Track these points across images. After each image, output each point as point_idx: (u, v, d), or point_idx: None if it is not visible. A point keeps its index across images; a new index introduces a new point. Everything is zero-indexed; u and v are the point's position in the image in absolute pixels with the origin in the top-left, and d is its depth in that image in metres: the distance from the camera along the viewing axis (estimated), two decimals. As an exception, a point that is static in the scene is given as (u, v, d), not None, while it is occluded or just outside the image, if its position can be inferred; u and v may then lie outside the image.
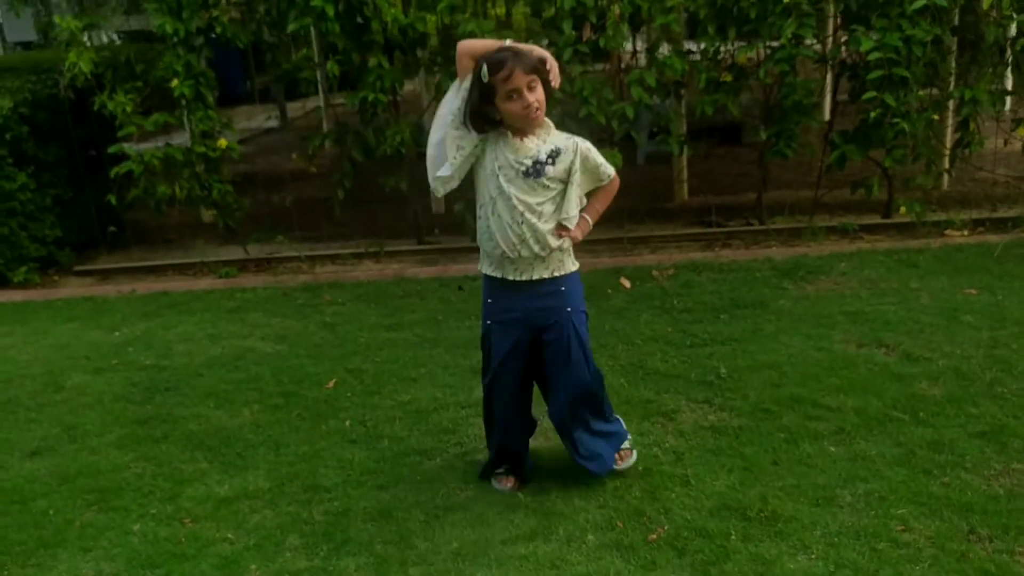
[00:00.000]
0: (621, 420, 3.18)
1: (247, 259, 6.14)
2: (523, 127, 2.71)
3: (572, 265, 2.91)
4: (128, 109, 5.54)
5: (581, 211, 2.86)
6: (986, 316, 4.26)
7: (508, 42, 2.68)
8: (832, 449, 3.19)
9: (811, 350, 4.01)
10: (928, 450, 3.14)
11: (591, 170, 2.84)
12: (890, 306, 4.46)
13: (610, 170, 2.90)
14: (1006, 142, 5.98)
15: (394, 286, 5.39)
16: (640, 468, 3.13)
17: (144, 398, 4.04)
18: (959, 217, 5.75)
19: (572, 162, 2.76)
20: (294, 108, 12.90)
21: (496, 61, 2.61)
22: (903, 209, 5.67)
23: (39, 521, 3.09)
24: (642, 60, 5.93)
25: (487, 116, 2.68)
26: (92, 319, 5.18)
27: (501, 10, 5.94)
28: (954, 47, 5.71)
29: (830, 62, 5.70)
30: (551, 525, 2.85)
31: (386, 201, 6.41)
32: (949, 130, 6.05)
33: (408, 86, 6.83)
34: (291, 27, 5.36)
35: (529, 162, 2.72)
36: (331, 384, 4.03)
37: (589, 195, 2.91)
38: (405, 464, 3.29)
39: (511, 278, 2.82)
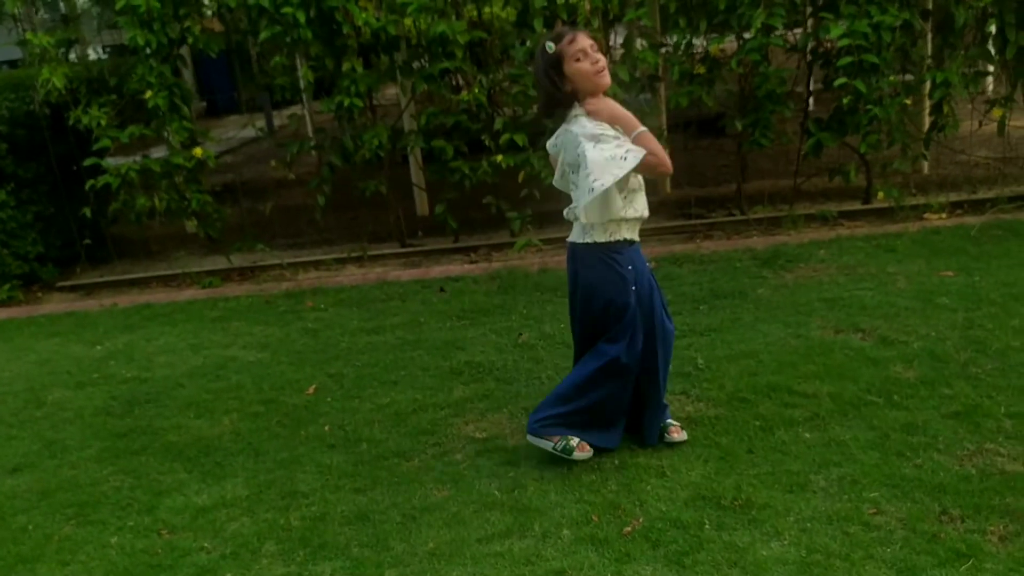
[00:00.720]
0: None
1: (230, 268, 6.14)
2: (593, 89, 2.87)
3: None
4: (103, 122, 5.55)
5: None
6: (962, 297, 4.27)
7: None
8: (807, 435, 3.20)
9: (788, 338, 4.03)
10: (901, 432, 3.15)
11: None
12: (867, 291, 4.48)
13: None
14: (981, 124, 5.99)
15: (376, 290, 5.40)
16: (616, 461, 3.14)
17: (124, 411, 4.04)
18: (937, 200, 5.76)
19: None
20: (281, 117, 12.92)
21: (558, 33, 2.89)
22: (881, 194, 5.69)
23: (18, 537, 3.09)
24: (617, 57, 5.95)
25: (559, 89, 2.86)
26: (74, 334, 5.19)
27: (472, 11, 5.94)
28: (928, 31, 5.73)
29: (802, 51, 5.70)
30: (527, 521, 2.86)
31: (368, 205, 6.43)
32: (925, 113, 6.06)
33: (392, 89, 6.86)
34: (263, 35, 5.38)
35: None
36: (311, 390, 4.04)
37: None
38: (383, 467, 3.30)
39: (638, 240, 3.07)
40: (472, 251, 6.05)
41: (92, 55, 7.65)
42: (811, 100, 5.99)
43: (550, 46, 2.85)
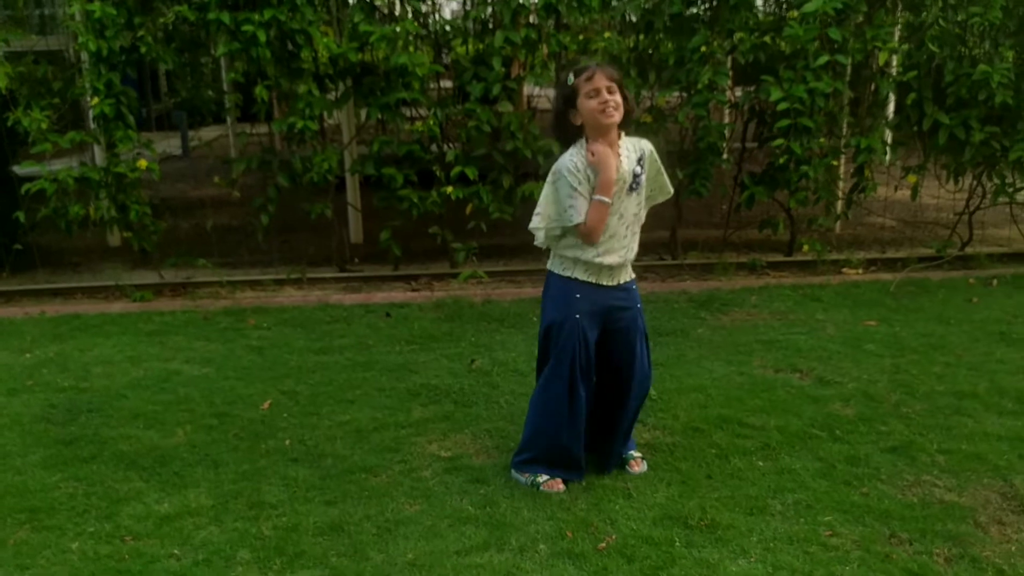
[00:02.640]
0: None
1: (162, 283, 6.00)
2: (597, 126, 2.90)
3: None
4: (43, 126, 5.38)
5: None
6: (887, 345, 4.59)
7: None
8: (760, 463, 3.39)
9: (733, 374, 4.24)
10: (846, 464, 3.37)
11: (658, 165, 3.12)
12: (800, 335, 4.76)
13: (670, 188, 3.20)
14: (896, 188, 6.47)
15: (320, 312, 5.38)
16: (583, 483, 3.25)
17: (66, 419, 3.91)
18: (855, 257, 6.17)
19: (648, 164, 3.05)
20: (194, 136, 12.69)
21: (583, 67, 2.92)
22: (806, 248, 6.05)
23: (-34, 541, 2.96)
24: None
25: (568, 121, 2.94)
26: (-1, 340, 4.98)
27: (430, 45, 6.08)
28: (849, 100, 6.17)
29: (741, 109, 6.05)
30: (503, 536, 2.92)
31: (304, 229, 6.40)
32: (845, 175, 6.50)
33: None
34: (220, 51, 5.36)
35: (630, 177, 2.98)
36: (266, 405, 4.00)
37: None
38: (351, 481, 3.30)
39: (604, 283, 3.08)
40: (412, 279, 6.10)
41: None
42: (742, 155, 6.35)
43: (570, 78, 2.92)
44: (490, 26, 5.64)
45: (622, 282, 3.14)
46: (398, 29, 5.39)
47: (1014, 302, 5.33)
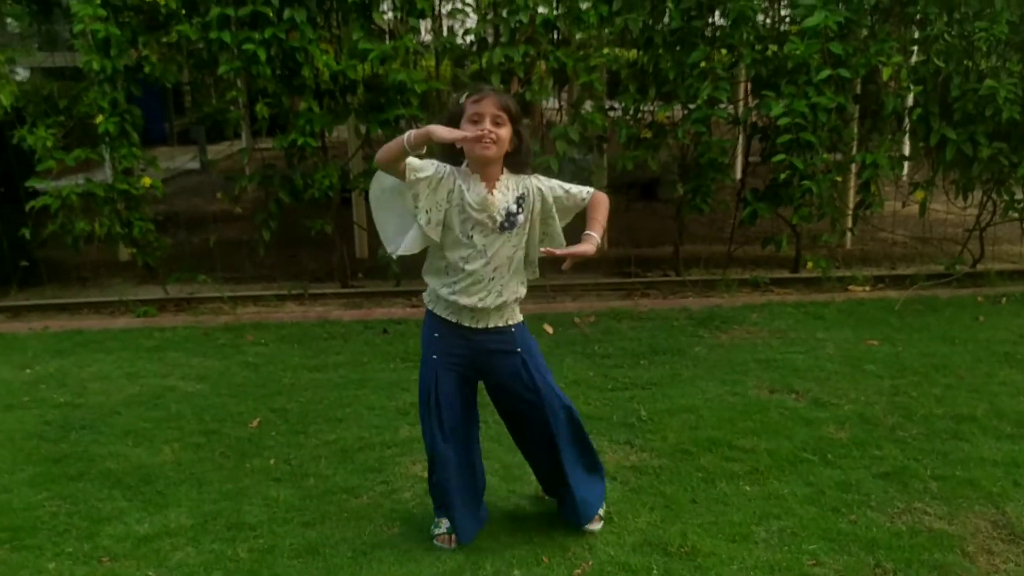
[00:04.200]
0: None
1: (166, 299, 6.04)
2: (473, 158, 2.66)
3: (520, 315, 2.88)
4: (49, 144, 5.44)
5: (585, 232, 2.74)
6: (887, 366, 4.51)
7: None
8: (747, 488, 3.33)
9: (726, 395, 4.18)
10: (836, 489, 3.30)
11: (559, 199, 2.79)
12: (799, 355, 4.69)
13: (585, 190, 2.82)
14: (904, 204, 6.38)
15: (318, 328, 5.39)
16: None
17: (58, 436, 3.93)
18: (861, 274, 6.09)
19: (534, 204, 2.75)
20: (213, 151, 12.81)
21: (477, 88, 2.68)
22: (810, 264, 5.98)
23: (-54, 560, 2.97)
24: (565, 117, 6.16)
25: (451, 144, 2.64)
26: (1, 356, 5.02)
27: (430, 62, 6.08)
28: (856, 114, 6.10)
29: (742, 124, 6.00)
30: (478, 561, 2.89)
31: (309, 244, 6.43)
32: (851, 191, 6.42)
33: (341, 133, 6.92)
34: (222, 69, 5.39)
35: (503, 215, 2.70)
36: (255, 423, 4.00)
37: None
38: (331, 502, 3.29)
39: (466, 324, 2.78)
40: (414, 295, 6.09)
41: (19, 76, 7.49)
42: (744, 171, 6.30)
43: (462, 98, 2.68)
44: (489, 42, 5.63)
45: (491, 326, 2.80)
46: (397, 46, 5.40)
47: (1022, 321, 5.23)
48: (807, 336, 4.99)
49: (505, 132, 2.65)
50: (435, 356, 2.83)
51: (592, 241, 2.70)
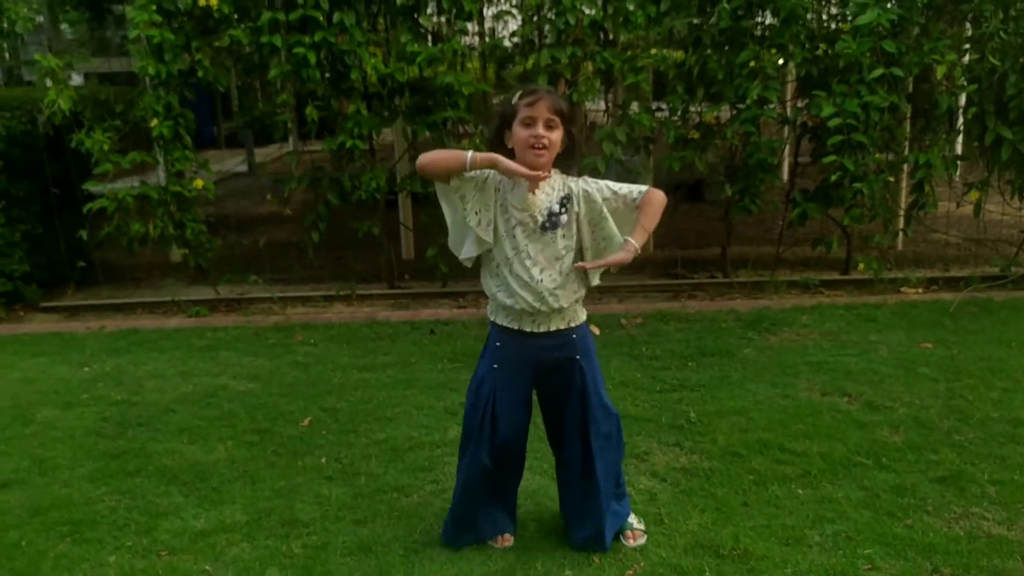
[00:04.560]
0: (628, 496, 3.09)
1: (217, 299, 6.15)
2: (525, 160, 2.60)
3: (584, 315, 2.84)
4: (105, 147, 5.57)
5: (624, 238, 2.71)
6: (942, 369, 4.43)
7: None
8: (799, 492, 3.29)
9: (777, 397, 4.14)
10: (891, 494, 3.25)
11: (608, 201, 2.71)
12: (851, 357, 4.62)
13: (636, 190, 2.74)
14: (958, 205, 6.26)
15: (366, 328, 5.44)
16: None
17: (116, 433, 4.02)
18: (914, 275, 5.98)
19: (580, 206, 2.69)
20: (260, 154, 13.00)
21: (530, 89, 2.63)
22: (861, 266, 5.89)
23: (11, 552, 3.05)
24: (610, 118, 6.14)
25: (502, 141, 2.65)
26: (60, 354, 5.14)
27: (474, 64, 6.11)
28: (909, 114, 6.00)
29: (791, 124, 5.94)
30: (529, 561, 2.89)
31: (356, 246, 6.49)
32: (904, 192, 6.32)
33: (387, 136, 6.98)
34: (272, 73, 5.47)
35: (545, 215, 2.66)
36: (306, 422, 4.05)
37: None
38: (382, 500, 3.32)
39: (528, 329, 2.75)
40: (460, 296, 6.12)
41: (76, 80, 7.68)
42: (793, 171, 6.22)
43: (514, 97, 2.63)
44: (537, 44, 5.64)
45: (552, 329, 2.76)
46: (445, 49, 5.43)
47: (1081, 324, 5.11)
48: (859, 339, 4.92)
49: (557, 136, 2.62)
50: (495, 365, 2.81)
51: (630, 249, 2.66)
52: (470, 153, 2.59)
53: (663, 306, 5.72)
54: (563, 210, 2.68)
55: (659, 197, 2.74)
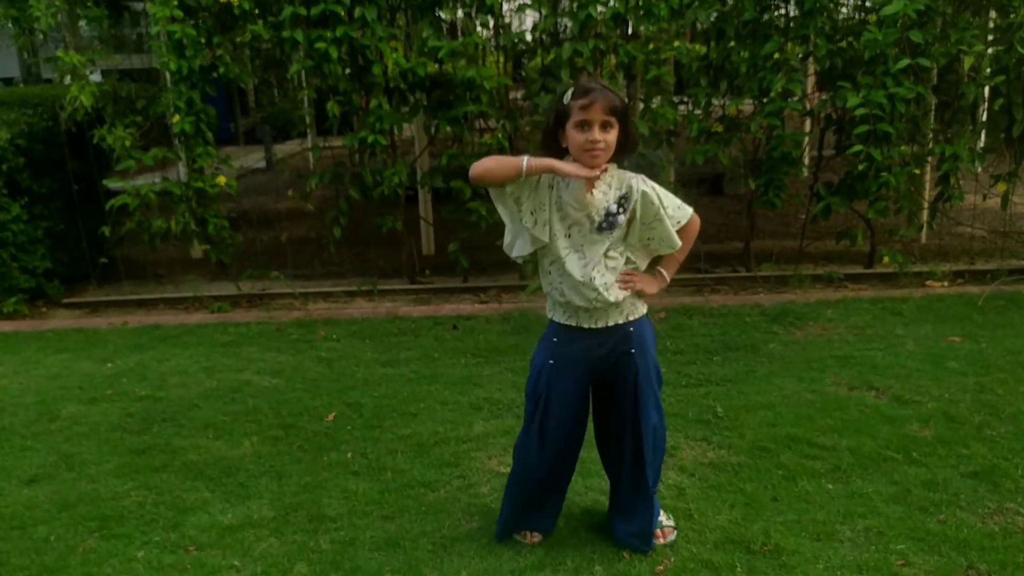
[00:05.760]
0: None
1: (239, 295, 6.15)
2: (582, 163, 2.55)
3: (643, 307, 2.79)
4: (127, 143, 5.58)
5: (657, 266, 2.75)
6: (971, 363, 4.38)
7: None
8: (830, 486, 3.26)
9: (804, 392, 4.10)
10: (923, 489, 3.21)
11: (656, 211, 2.65)
12: (877, 351, 4.58)
13: (683, 215, 2.70)
14: (985, 197, 6.18)
15: (388, 324, 5.43)
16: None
17: (141, 428, 4.03)
18: (940, 268, 5.92)
19: (636, 206, 2.62)
20: (278, 150, 13.01)
21: (583, 88, 2.53)
22: (886, 259, 5.83)
23: (40, 547, 3.06)
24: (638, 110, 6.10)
25: (556, 141, 2.60)
26: (83, 350, 5.16)
27: (500, 57, 6.08)
28: (934, 105, 5.93)
29: (816, 116, 5.88)
30: (559, 556, 2.88)
31: (376, 241, 6.48)
32: (929, 184, 6.25)
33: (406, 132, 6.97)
34: (294, 68, 5.47)
35: (602, 215, 2.60)
36: (331, 417, 4.05)
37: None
38: (409, 495, 3.31)
39: (585, 325, 2.71)
40: (482, 291, 6.10)
41: (95, 76, 7.69)
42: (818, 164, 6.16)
43: (567, 96, 2.55)
44: (559, 37, 5.61)
45: (610, 324, 2.71)
46: (466, 43, 5.41)
47: (1112, 317, 5.03)
48: (885, 332, 4.87)
49: (613, 136, 2.54)
50: (552, 361, 2.76)
51: (660, 281, 2.76)
52: (525, 160, 2.52)
53: (686, 300, 5.68)
54: (620, 210, 2.62)
55: (695, 227, 2.75)
